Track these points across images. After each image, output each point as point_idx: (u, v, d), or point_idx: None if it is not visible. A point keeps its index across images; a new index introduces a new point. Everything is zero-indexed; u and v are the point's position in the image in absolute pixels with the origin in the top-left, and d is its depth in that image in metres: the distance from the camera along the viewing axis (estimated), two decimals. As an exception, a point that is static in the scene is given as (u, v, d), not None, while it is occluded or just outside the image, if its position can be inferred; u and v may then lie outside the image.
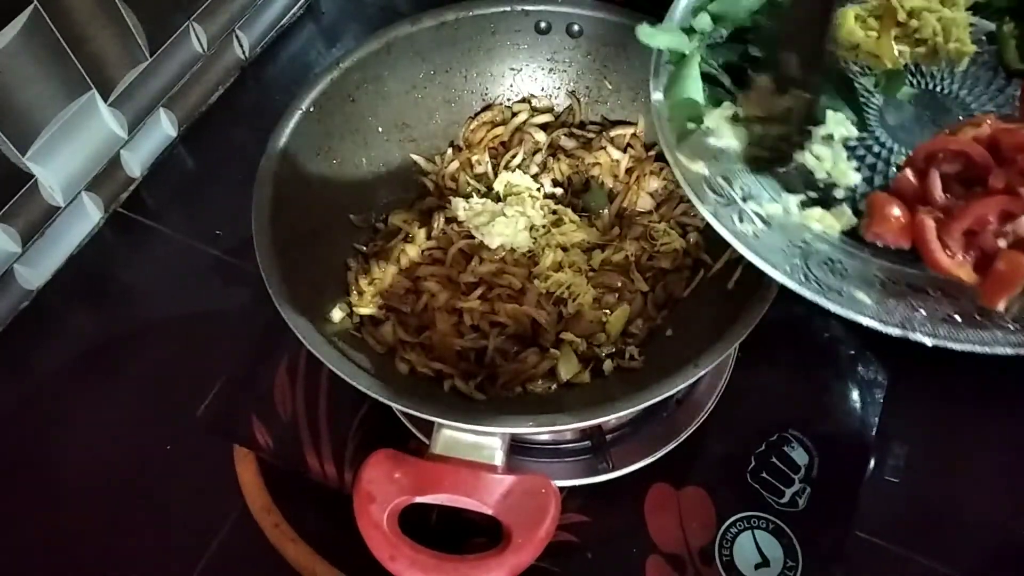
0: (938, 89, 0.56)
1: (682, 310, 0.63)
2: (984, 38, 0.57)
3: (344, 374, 0.52)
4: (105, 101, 0.74)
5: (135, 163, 0.80)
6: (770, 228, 0.48)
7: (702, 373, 0.52)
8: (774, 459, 0.63)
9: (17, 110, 0.66)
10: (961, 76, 0.56)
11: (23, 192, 0.69)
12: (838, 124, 0.53)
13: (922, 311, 0.44)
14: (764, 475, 0.63)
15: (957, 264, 0.45)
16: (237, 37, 0.86)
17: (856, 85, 0.56)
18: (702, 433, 0.64)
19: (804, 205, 0.51)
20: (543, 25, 0.70)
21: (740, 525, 0.61)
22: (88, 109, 0.72)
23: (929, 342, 0.43)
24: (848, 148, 0.53)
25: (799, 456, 0.63)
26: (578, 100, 0.73)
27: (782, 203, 0.50)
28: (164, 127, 0.82)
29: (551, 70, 0.73)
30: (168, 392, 0.68)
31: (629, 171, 0.69)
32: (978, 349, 0.43)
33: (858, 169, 0.53)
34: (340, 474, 0.64)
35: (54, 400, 0.69)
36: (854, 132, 0.53)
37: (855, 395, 0.67)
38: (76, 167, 0.74)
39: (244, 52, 0.88)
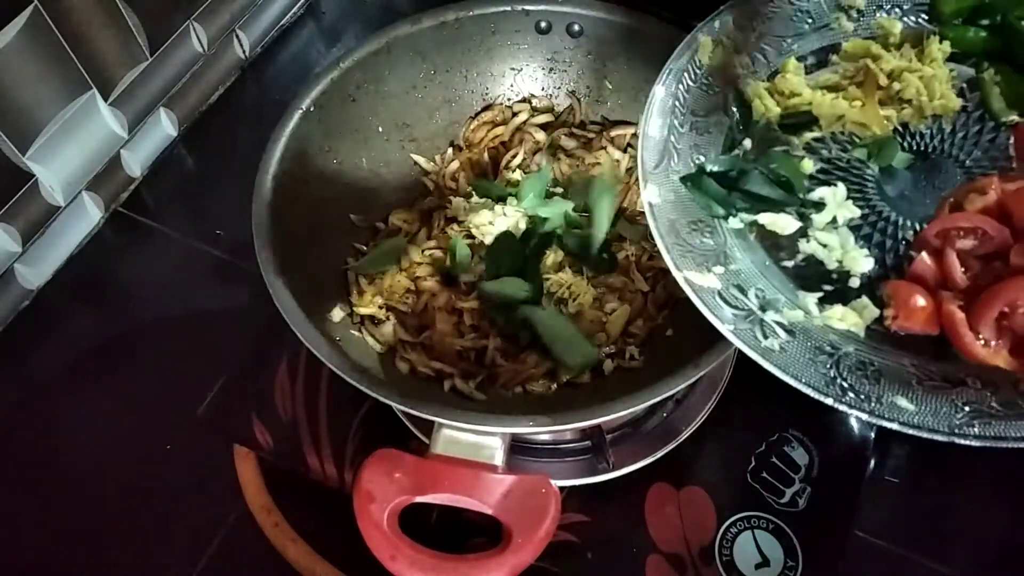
0: (931, 150, 0.55)
1: (682, 310, 0.63)
2: (965, 85, 0.55)
3: (344, 374, 0.52)
4: (105, 101, 0.74)
5: (135, 163, 0.80)
6: (794, 337, 0.46)
7: (702, 373, 0.52)
8: (774, 459, 0.63)
9: (17, 109, 0.66)
10: (950, 132, 0.55)
11: (23, 192, 0.69)
12: (840, 207, 0.51)
13: (967, 407, 0.42)
14: (764, 475, 0.63)
15: (992, 352, 0.44)
16: (237, 37, 0.86)
17: (836, 166, 0.54)
18: (702, 433, 0.64)
19: (823, 303, 0.48)
20: (543, 25, 0.70)
21: (740, 525, 0.61)
22: (88, 109, 0.72)
23: (977, 443, 0.42)
24: (853, 230, 0.51)
25: (799, 456, 0.63)
26: (578, 100, 0.74)
27: (800, 305, 0.48)
28: (164, 127, 0.82)
29: (551, 70, 0.73)
30: (168, 391, 0.68)
31: (629, 171, 0.69)
32: None
33: (867, 251, 0.50)
34: (340, 474, 0.64)
35: (54, 399, 0.69)
36: (856, 212, 0.51)
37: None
38: (76, 167, 0.74)
39: (244, 52, 0.88)
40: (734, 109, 0.55)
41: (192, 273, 0.75)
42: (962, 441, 0.42)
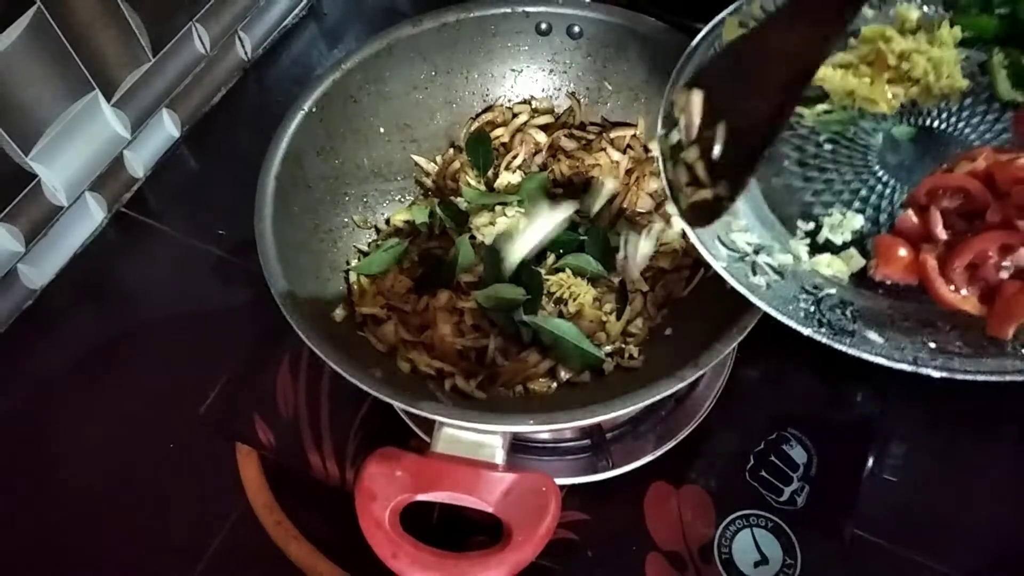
0: (935, 125, 0.57)
1: (682, 310, 0.63)
2: (978, 68, 0.58)
3: (346, 373, 0.53)
4: (108, 101, 0.74)
5: (138, 163, 0.80)
6: (783, 278, 0.50)
7: (702, 372, 0.52)
8: (773, 457, 0.63)
9: (20, 110, 0.66)
10: (956, 111, 0.57)
11: (27, 192, 0.69)
12: (848, 225, 0.54)
13: (932, 344, 0.46)
14: (763, 473, 0.63)
15: (962, 298, 0.47)
16: (239, 38, 0.87)
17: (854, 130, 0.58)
18: (701, 432, 0.64)
19: (813, 252, 0.52)
20: (544, 26, 0.71)
21: (739, 523, 0.61)
22: (91, 109, 0.73)
23: (936, 374, 0.45)
24: (852, 192, 0.55)
25: (798, 454, 0.63)
26: (578, 101, 0.74)
27: (792, 251, 0.52)
28: (167, 127, 0.82)
29: (552, 71, 0.73)
30: (171, 390, 0.68)
31: (629, 172, 0.70)
32: (991, 378, 0.44)
33: (862, 211, 0.54)
34: (342, 472, 0.64)
35: (57, 398, 0.69)
36: (860, 222, 0.54)
37: (854, 393, 0.67)
38: (79, 167, 0.74)
39: (246, 53, 0.88)
40: None
41: (195, 273, 0.76)
42: (923, 371, 0.45)
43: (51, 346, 0.72)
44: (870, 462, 0.63)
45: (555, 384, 0.61)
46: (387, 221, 0.70)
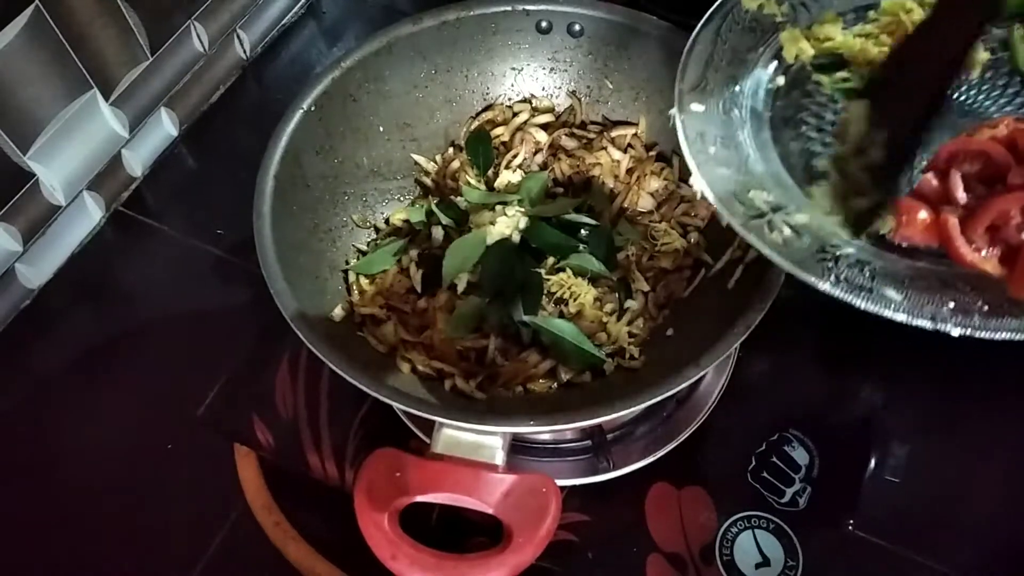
0: (953, 97, 0.57)
1: (683, 310, 0.63)
2: (998, 45, 0.57)
3: (345, 373, 0.52)
4: (106, 100, 0.74)
5: (136, 162, 0.80)
6: (799, 236, 0.49)
7: (703, 373, 0.52)
8: (775, 458, 0.63)
9: (18, 109, 0.66)
10: (976, 83, 0.57)
11: (24, 191, 0.69)
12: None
13: (951, 303, 0.45)
14: (765, 474, 0.63)
15: (982, 259, 0.47)
16: (238, 36, 0.86)
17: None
18: (703, 432, 0.64)
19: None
20: (544, 24, 0.70)
21: (741, 524, 0.61)
22: (89, 108, 0.73)
23: (956, 332, 0.44)
24: None
25: (800, 456, 0.63)
26: (579, 100, 0.74)
27: (810, 212, 0.52)
28: (165, 126, 0.82)
29: (552, 70, 0.73)
30: (169, 391, 0.68)
31: (630, 171, 0.69)
32: (1012, 336, 0.44)
33: None
34: (341, 473, 0.64)
35: (55, 398, 0.69)
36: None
37: (856, 394, 0.67)
38: (77, 166, 0.74)
39: (245, 51, 0.88)
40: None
41: (193, 272, 0.76)
42: (943, 327, 0.44)
43: (49, 346, 0.72)
44: (872, 463, 0.63)
45: (555, 385, 0.61)
46: (386, 221, 0.70)
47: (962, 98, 0.57)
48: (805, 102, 0.58)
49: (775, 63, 0.59)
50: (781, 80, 0.58)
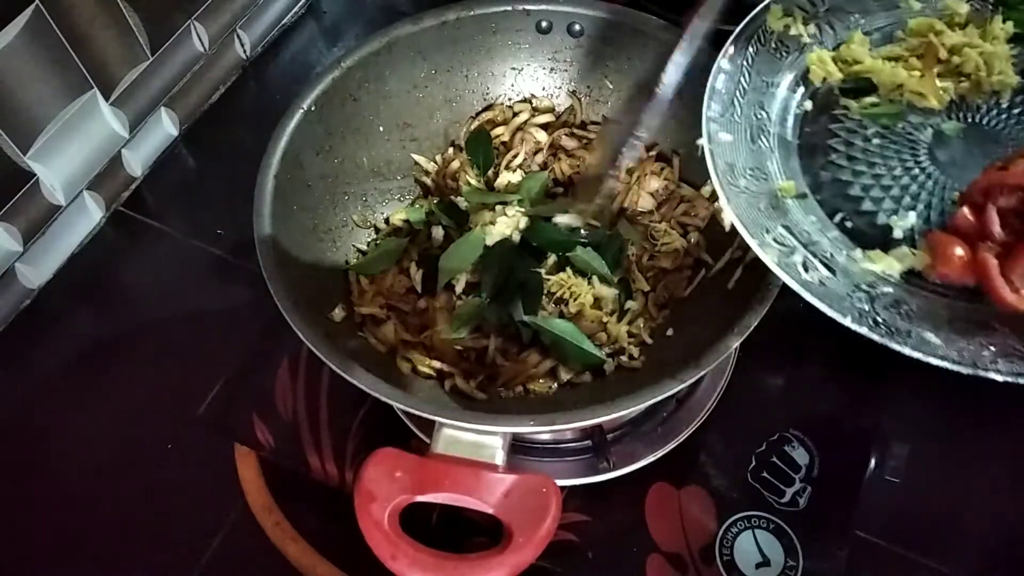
0: (984, 122, 0.56)
1: (683, 310, 0.63)
2: None
3: (345, 373, 0.52)
4: (106, 100, 0.74)
5: (136, 162, 0.80)
6: (834, 275, 0.49)
7: (703, 373, 0.52)
8: (775, 458, 0.63)
9: (18, 109, 0.66)
10: (1007, 108, 0.56)
11: (24, 191, 0.69)
12: (900, 222, 0.53)
13: (992, 348, 0.45)
14: (765, 474, 0.63)
15: (1021, 299, 0.45)
16: (238, 36, 0.86)
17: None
18: (703, 432, 0.64)
19: (865, 248, 0.51)
20: (544, 24, 0.70)
21: (741, 524, 0.61)
22: (89, 108, 0.72)
23: (1000, 378, 0.44)
24: (902, 188, 0.54)
25: (800, 456, 0.63)
26: (579, 100, 0.74)
27: (844, 247, 0.52)
28: (165, 126, 0.82)
29: (552, 69, 0.73)
30: (169, 391, 0.68)
31: (630, 171, 0.69)
32: None
33: (913, 208, 0.53)
34: (341, 473, 0.64)
35: (55, 398, 0.69)
36: (913, 219, 0.53)
37: (856, 394, 0.67)
38: (77, 166, 0.74)
39: (245, 51, 0.88)
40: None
41: (193, 272, 0.76)
42: (984, 374, 0.44)
43: (49, 346, 0.72)
44: (872, 463, 0.63)
45: (555, 385, 0.61)
46: (386, 220, 0.70)
47: (992, 123, 0.56)
48: (834, 127, 0.57)
49: (802, 88, 0.58)
50: (809, 104, 0.58)
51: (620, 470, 0.62)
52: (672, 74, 0.56)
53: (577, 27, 0.70)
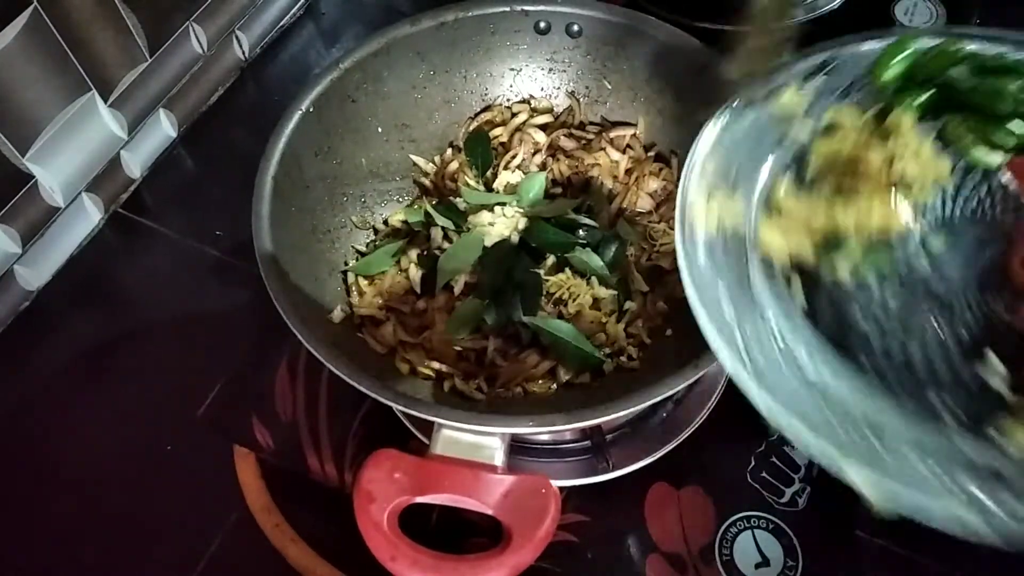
0: (955, 215, 0.49)
1: (682, 310, 0.63)
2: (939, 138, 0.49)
3: (344, 374, 0.52)
4: (105, 102, 0.74)
5: (135, 164, 0.80)
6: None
7: (702, 373, 0.52)
8: (774, 459, 0.63)
9: (17, 111, 0.66)
10: (955, 191, 0.49)
11: (23, 193, 0.69)
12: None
13: None
14: (764, 475, 0.63)
15: None
16: (237, 38, 0.86)
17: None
18: (702, 433, 0.64)
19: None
20: (543, 25, 0.70)
21: (740, 524, 0.61)
22: (88, 110, 0.72)
23: None
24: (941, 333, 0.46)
25: (799, 456, 0.63)
26: (578, 100, 0.74)
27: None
28: (164, 128, 0.82)
29: (551, 70, 0.73)
30: (168, 392, 0.68)
31: (628, 172, 0.69)
32: None
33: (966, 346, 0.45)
34: (340, 474, 0.64)
35: (54, 400, 0.69)
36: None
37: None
38: (76, 168, 0.74)
39: (244, 53, 0.88)
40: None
41: (192, 274, 0.75)
42: None
43: (48, 347, 0.72)
44: (872, 463, 0.63)
45: (555, 385, 0.61)
46: (385, 222, 0.70)
47: (959, 212, 0.49)
48: (852, 305, 0.48)
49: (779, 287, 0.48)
50: (802, 300, 0.48)
51: (619, 470, 0.62)
52: None
53: (575, 28, 0.70)
